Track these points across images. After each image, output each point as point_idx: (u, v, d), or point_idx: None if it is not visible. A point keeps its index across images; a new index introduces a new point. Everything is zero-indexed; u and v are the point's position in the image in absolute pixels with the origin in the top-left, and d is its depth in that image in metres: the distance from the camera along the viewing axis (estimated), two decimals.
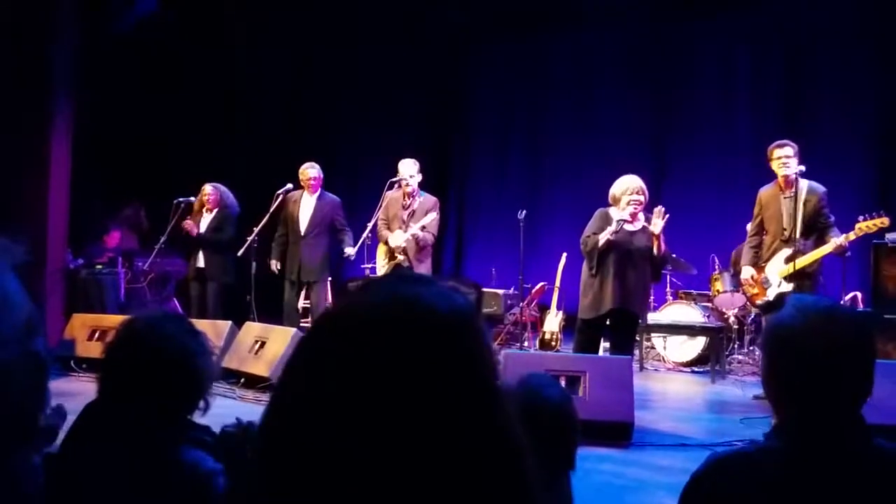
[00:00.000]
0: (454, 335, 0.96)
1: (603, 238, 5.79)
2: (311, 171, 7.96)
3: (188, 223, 8.16)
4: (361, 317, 0.96)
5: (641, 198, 5.87)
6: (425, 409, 0.91)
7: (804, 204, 6.11)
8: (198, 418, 2.07)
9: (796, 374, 1.54)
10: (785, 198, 6.24)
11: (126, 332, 1.98)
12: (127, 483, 1.86)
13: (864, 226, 5.93)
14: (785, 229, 6.17)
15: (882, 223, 5.94)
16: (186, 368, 1.95)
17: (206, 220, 8.28)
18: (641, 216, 5.95)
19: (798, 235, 6.10)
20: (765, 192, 6.39)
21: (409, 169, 7.32)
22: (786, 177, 6.18)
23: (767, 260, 6.34)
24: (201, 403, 2.03)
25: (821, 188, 6.19)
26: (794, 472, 1.51)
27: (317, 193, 7.99)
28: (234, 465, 2.18)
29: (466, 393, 0.94)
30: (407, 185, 7.29)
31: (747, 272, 6.50)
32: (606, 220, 5.90)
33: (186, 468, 1.87)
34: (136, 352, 1.93)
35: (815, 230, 6.14)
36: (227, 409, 5.57)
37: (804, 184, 6.16)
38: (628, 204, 5.85)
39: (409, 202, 7.34)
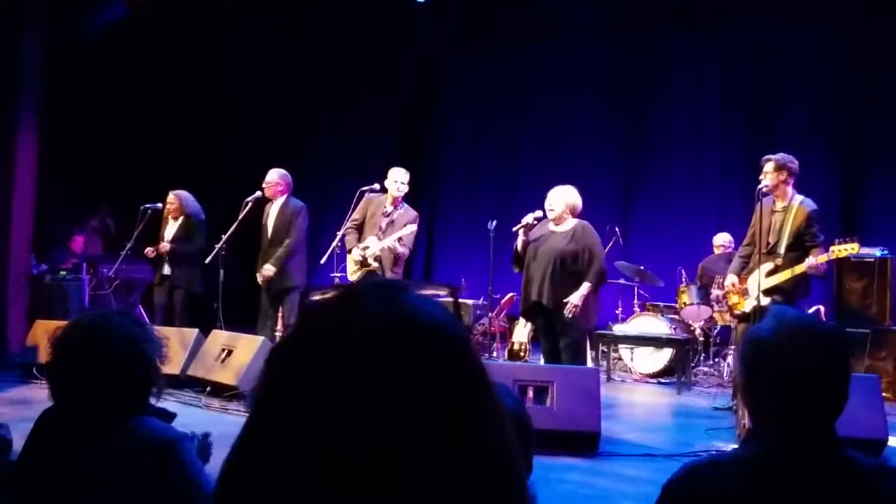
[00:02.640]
0: (455, 344, 0.95)
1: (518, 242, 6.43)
2: (270, 175, 7.88)
3: (150, 250, 8.11)
4: (357, 327, 0.92)
5: (551, 206, 6.33)
6: (429, 421, 0.89)
7: (793, 218, 6.10)
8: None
9: (772, 386, 1.56)
10: (775, 211, 6.24)
11: (72, 327, 2.00)
12: (88, 467, 1.87)
13: (837, 249, 5.99)
14: (769, 242, 6.19)
15: (853, 249, 6.01)
16: (135, 355, 1.97)
17: (172, 228, 8.21)
18: (571, 221, 6.30)
19: (783, 250, 6.10)
20: (760, 204, 6.28)
21: (401, 176, 7.29)
22: (772, 189, 6.15)
23: (750, 272, 6.37)
24: (153, 390, 2.05)
25: (812, 205, 6.13)
26: (766, 482, 1.52)
27: (281, 199, 7.87)
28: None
29: (469, 402, 0.93)
30: (398, 190, 7.25)
31: (730, 279, 6.50)
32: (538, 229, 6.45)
33: (146, 436, 1.89)
34: (85, 344, 1.95)
35: (800, 247, 6.07)
36: (193, 417, 5.53)
37: (798, 199, 6.16)
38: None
39: (391, 210, 7.30)
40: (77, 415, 1.94)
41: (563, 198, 6.31)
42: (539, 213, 6.37)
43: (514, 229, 6.43)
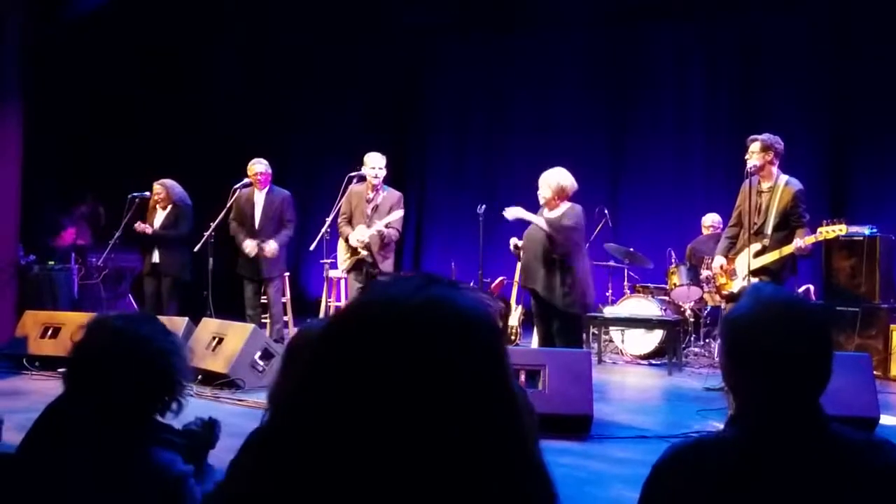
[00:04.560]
0: (486, 337, 0.97)
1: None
2: (257, 166, 7.94)
3: (140, 225, 8.07)
4: (395, 310, 0.96)
5: (540, 192, 6.37)
6: (457, 410, 0.92)
7: (779, 199, 6.10)
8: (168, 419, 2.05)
9: (754, 364, 1.56)
10: (761, 191, 6.23)
11: (99, 331, 1.94)
12: (93, 486, 1.82)
13: (824, 231, 5.99)
14: (755, 222, 6.18)
15: (840, 230, 6.03)
16: (161, 369, 1.92)
17: (161, 216, 8.20)
18: (564, 205, 6.31)
19: (769, 230, 6.11)
20: (746, 184, 6.28)
21: (376, 162, 7.31)
22: (758, 169, 6.14)
23: (738, 252, 6.38)
24: (174, 405, 2.01)
25: (797, 185, 6.13)
26: (752, 461, 1.52)
27: (266, 189, 7.97)
28: (199, 463, 2.16)
29: (495, 394, 0.96)
30: (375, 177, 7.27)
31: (718, 261, 6.51)
32: None
33: (157, 470, 1.84)
34: (110, 351, 1.89)
35: (787, 227, 6.08)
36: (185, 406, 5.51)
37: (783, 179, 6.16)
38: None
39: (372, 196, 7.31)
40: (91, 422, 1.88)
41: (550, 182, 6.32)
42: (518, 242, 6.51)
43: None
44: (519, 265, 7.15)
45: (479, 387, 0.94)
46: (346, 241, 7.35)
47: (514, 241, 6.59)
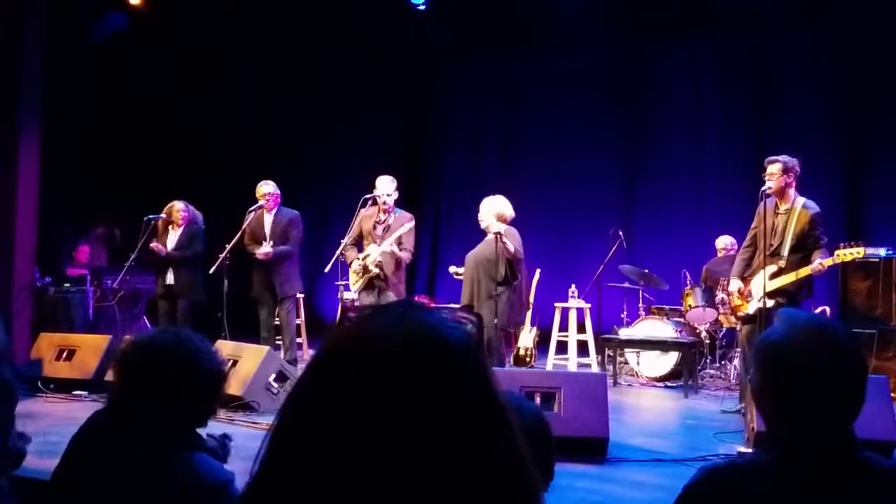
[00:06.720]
0: (464, 359, 1.01)
1: None
2: (263, 187, 8.00)
3: (155, 245, 8.12)
4: (376, 342, 0.99)
5: (481, 221, 6.91)
6: (439, 430, 0.95)
7: (796, 221, 6.07)
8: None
9: (788, 389, 1.55)
10: (777, 213, 6.21)
11: (143, 346, 2.02)
12: (142, 494, 1.85)
13: (842, 253, 5.95)
14: (772, 244, 6.16)
15: (858, 253, 5.98)
16: (207, 383, 2.02)
17: (174, 237, 8.24)
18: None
19: (786, 252, 6.08)
20: (762, 206, 6.25)
21: (386, 186, 7.33)
22: (777, 192, 6.17)
23: (753, 274, 6.35)
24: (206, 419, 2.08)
25: (814, 207, 6.10)
26: (785, 486, 1.51)
27: (274, 210, 8.02)
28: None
29: (478, 411, 0.98)
30: (384, 202, 7.30)
31: (735, 284, 6.46)
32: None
33: (200, 476, 1.88)
34: (162, 366, 1.97)
35: (804, 248, 6.05)
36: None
37: (800, 201, 6.13)
38: None
39: (383, 218, 7.34)
40: (131, 437, 1.92)
41: (488, 210, 6.81)
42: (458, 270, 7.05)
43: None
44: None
45: (465, 408, 0.97)
46: (350, 265, 7.39)
47: (452, 269, 7.33)
